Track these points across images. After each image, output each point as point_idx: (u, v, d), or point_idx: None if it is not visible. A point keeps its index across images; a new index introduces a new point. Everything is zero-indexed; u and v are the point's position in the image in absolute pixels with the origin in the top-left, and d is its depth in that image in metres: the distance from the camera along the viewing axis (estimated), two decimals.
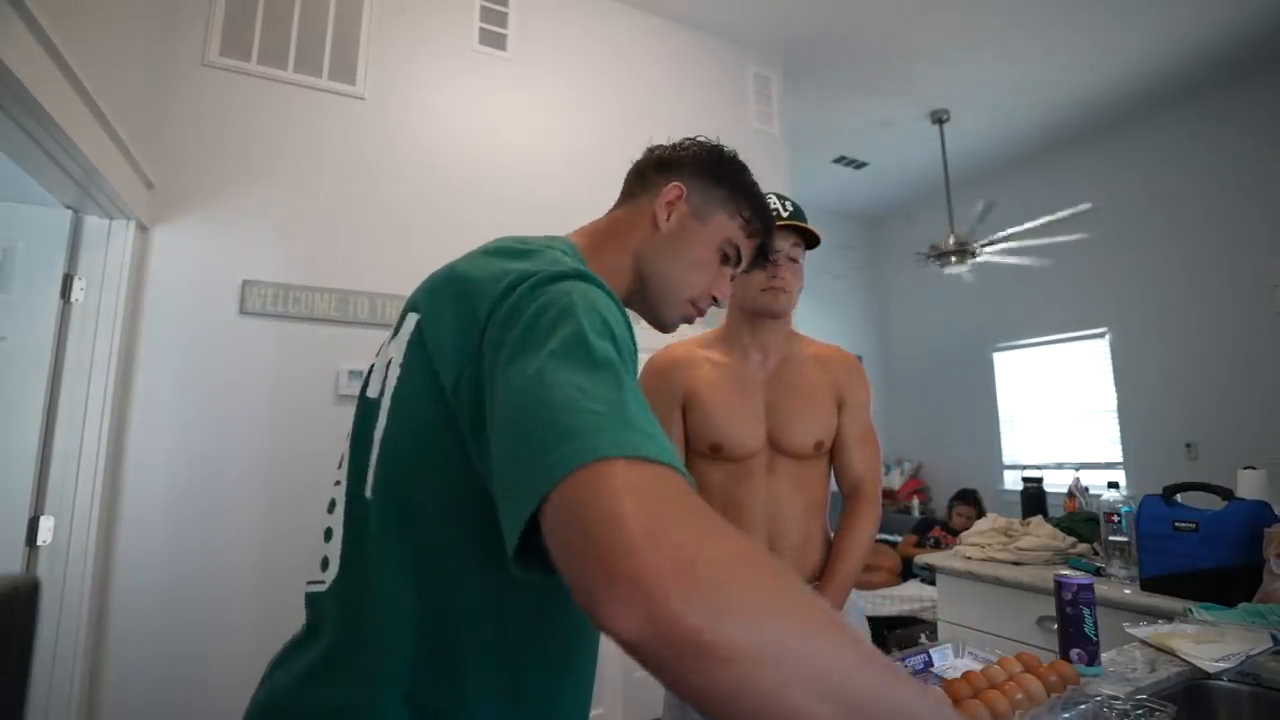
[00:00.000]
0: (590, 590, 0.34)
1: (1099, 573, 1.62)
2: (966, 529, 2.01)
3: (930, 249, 4.09)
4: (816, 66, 3.65)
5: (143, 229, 2.03)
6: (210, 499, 2.04)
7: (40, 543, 1.74)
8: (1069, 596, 0.98)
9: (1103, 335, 4.34)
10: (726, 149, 0.80)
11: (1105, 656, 1.00)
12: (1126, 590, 1.49)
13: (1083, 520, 1.90)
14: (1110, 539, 1.63)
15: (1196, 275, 3.86)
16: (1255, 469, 1.60)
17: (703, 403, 1.24)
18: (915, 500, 5.16)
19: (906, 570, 3.54)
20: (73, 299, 1.86)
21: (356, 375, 2.24)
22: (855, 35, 3.41)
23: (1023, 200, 4.47)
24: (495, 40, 2.74)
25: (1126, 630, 1.12)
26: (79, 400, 1.84)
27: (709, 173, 0.77)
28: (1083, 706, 0.81)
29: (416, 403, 0.55)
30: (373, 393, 0.61)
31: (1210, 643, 1.03)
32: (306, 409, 2.20)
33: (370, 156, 2.43)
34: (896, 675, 0.36)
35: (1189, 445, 3.77)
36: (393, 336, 0.62)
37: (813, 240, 1.25)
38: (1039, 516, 1.96)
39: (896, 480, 5.33)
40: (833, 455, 1.30)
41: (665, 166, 0.78)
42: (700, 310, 0.79)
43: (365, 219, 2.39)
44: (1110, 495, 1.65)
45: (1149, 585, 1.47)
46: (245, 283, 2.16)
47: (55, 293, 1.82)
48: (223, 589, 2.02)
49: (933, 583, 2.36)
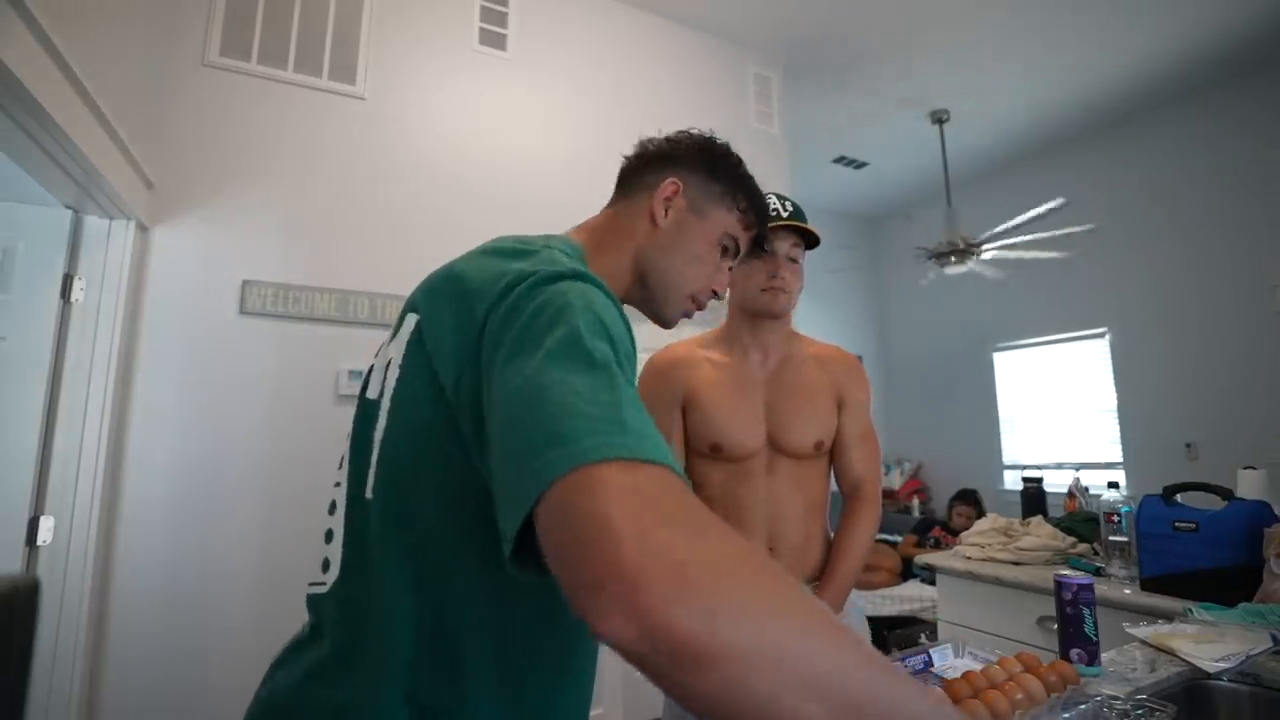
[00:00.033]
0: (581, 594, 0.34)
1: (1099, 573, 1.62)
2: (966, 529, 2.00)
3: (933, 247, 4.08)
4: (816, 66, 3.65)
5: (143, 229, 2.03)
6: (210, 499, 2.04)
7: (40, 543, 1.75)
8: (1069, 596, 0.98)
9: (1103, 335, 4.34)
10: (719, 140, 0.80)
11: (1105, 656, 1.00)
12: (1126, 590, 1.49)
13: (1083, 520, 1.90)
14: (1110, 539, 1.63)
15: (1196, 275, 3.86)
16: (1255, 469, 1.60)
17: (703, 403, 1.24)
18: (915, 500, 5.16)
19: (906, 570, 3.54)
20: (73, 299, 1.86)
21: (356, 375, 2.24)
22: (855, 35, 3.40)
23: (1023, 200, 4.45)
24: (495, 40, 2.74)
25: (1126, 630, 1.12)
26: (79, 400, 1.84)
27: (705, 167, 0.77)
28: (1083, 706, 0.81)
29: (416, 403, 0.55)
30: (372, 394, 0.61)
31: (1210, 643, 1.03)
32: (306, 409, 2.20)
33: (370, 156, 2.43)
34: (896, 675, 0.35)
35: (1189, 445, 3.77)
36: (392, 337, 0.62)
37: (812, 240, 1.25)
38: (1039, 516, 1.95)
39: (896, 480, 5.33)
40: (833, 455, 1.30)
41: (660, 162, 0.77)
42: (700, 304, 0.79)
43: (365, 219, 2.39)
44: (1110, 495, 1.65)
45: (1149, 585, 1.47)
46: (245, 283, 2.16)
47: (55, 293, 1.82)
48: (222, 589, 2.02)
49: (933, 583, 2.36)
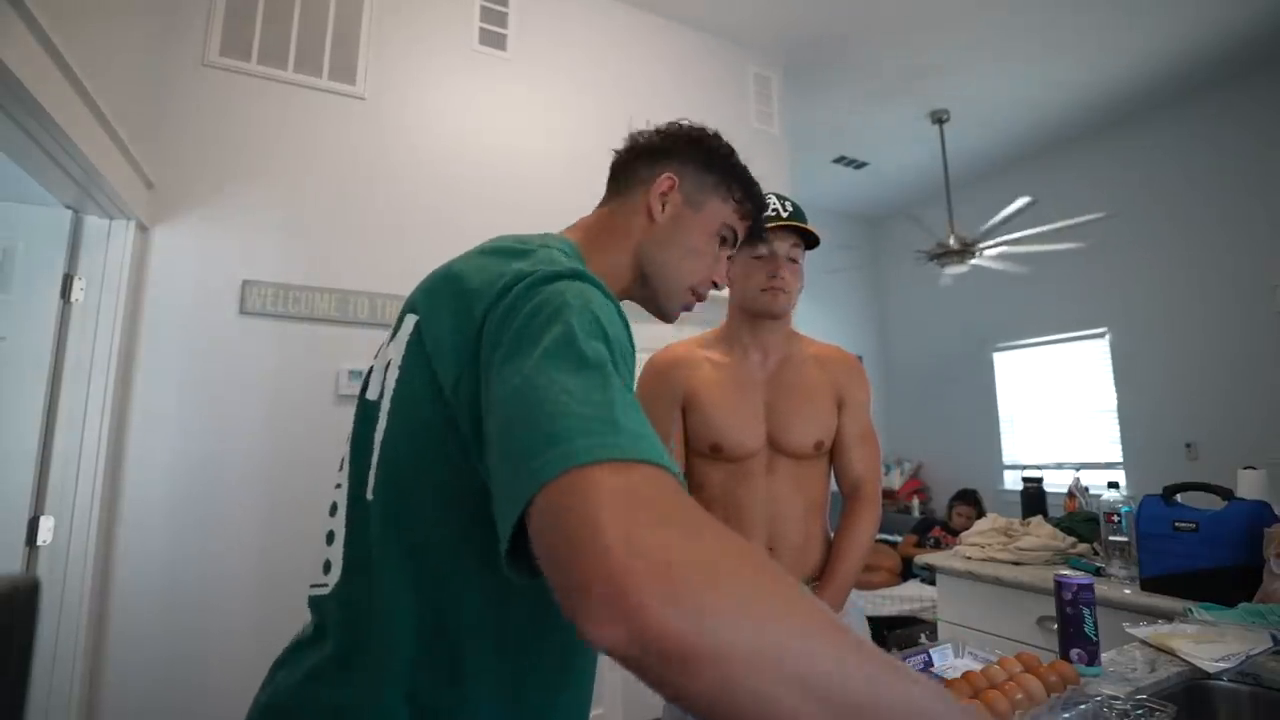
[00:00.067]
0: (571, 597, 0.33)
1: (1099, 573, 1.62)
2: (966, 529, 2.00)
3: (932, 247, 4.09)
4: (816, 66, 3.65)
5: (143, 229, 2.03)
6: (210, 499, 2.04)
7: (40, 543, 1.74)
8: (1069, 596, 0.98)
9: (1103, 335, 4.34)
10: (711, 131, 0.79)
11: (1105, 656, 1.00)
12: (1126, 590, 1.49)
13: (1083, 520, 1.90)
14: (1110, 539, 1.63)
15: (1197, 275, 3.86)
16: (1255, 469, 1.60)
17: (702, 403, 1.24)
18: (915, 500, 5.16)
19: (906, 570, 3.54)
20: (73, 299, 1.86)
21: (356, 375, 2.24)
22: (855, 35, 3.40)
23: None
24: (495, 40, 2.73)
25: (1126, 630, 1.12)
26: (79, 400, 1.84)
27: (698, 159, 0.76)
28: (1083, 706, 0.81)
29: (416, 403, 0.55)
30: (372, 395, 0.61)
31: (1210, 643, 1.03)
32: (306, 409, 2.20)
33: (370, 156, 2.43)
34: (899, 673, 0.35)
35: (1189, 445, 3.77)
36: (391, 338, 0.62)
37: (812, 241, 1.25)
38: (1039, 516, 1.95)
39: (896, 480, 5.33)
40: (833, 455, 1.30)
41: (653, 156, 0.76)
42: (701, 296, 0.79)
43: (365, 219, 2.39)
44: (1110, 495, 1.65)
45: (1149, 585, 1.47)
46: (245, 283, 2.16)
47: (55, 293, 1.82)
48: (223, 589, 2.02)
49: (933, 583, 2.36)
